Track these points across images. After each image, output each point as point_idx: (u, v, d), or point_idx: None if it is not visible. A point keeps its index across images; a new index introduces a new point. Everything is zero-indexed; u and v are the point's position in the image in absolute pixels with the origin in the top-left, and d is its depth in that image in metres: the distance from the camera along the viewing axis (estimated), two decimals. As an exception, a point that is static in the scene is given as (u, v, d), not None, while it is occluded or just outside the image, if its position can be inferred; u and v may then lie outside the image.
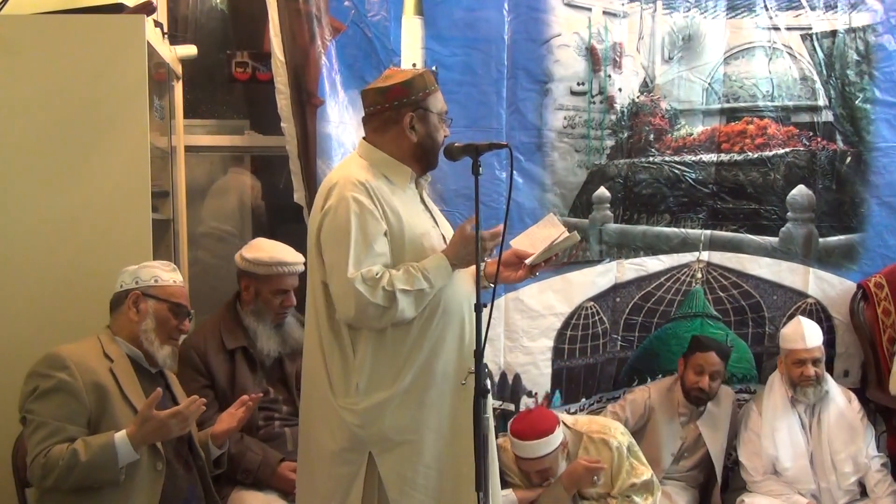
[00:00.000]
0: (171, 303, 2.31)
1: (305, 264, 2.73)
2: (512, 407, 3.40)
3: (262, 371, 2.80)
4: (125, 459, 2.07)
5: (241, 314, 2.82)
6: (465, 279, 2.21)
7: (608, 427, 3.02)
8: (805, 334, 3.23)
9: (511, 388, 3.39)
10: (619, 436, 2.98)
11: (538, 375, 3.42)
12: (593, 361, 3.52)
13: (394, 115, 2.18)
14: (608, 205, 3.47)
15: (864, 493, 3.22)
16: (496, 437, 2.74)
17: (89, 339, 2.27)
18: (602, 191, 3.45)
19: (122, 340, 2.29)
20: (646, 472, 2.94)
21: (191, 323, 2.40)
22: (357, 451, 2.14)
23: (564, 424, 2.97)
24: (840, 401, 3.27)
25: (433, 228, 2.25)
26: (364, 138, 2.27)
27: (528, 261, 2.28)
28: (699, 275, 3.60)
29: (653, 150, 3.49)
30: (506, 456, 2.95)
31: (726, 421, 3.38)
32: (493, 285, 2.25)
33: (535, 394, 3.44)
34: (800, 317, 3.38)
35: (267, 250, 2.80)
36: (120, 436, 2.07)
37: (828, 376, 3.31)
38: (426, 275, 2.09)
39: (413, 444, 2.14)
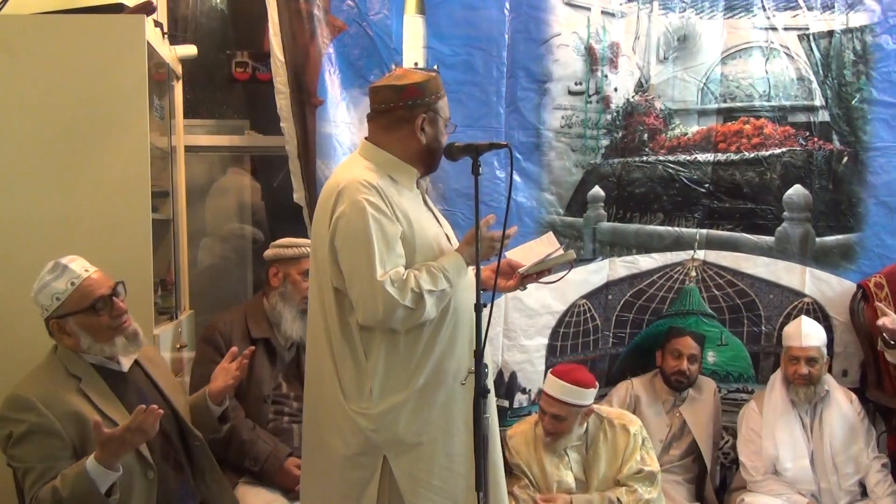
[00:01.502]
0: (85, 309, 2.14)
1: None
2: (506, 403, 3.42)
3: (280, 364, 2.85)
4: (105, 481, 1.98)
5: (266, 308, 2.87)
6: (472, 279, 2.21)
7: (629, 417, 3.07)
8: (803, 332, 3.24)
9: (507, 385, 3.41)
10: (638, 427, 3.01)
11: (532, 373, 3.44)
12: (584, 358, 3.53)
13: (406, 114, 2.16)
14: (602, 203, 3.48)
15: (864, 493, 3.22)
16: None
17: (50, 361, 2.19)
18: (596, 190, 3.47)
19: (82, 354, 2.19)
20: (654, 466, 2.97)
21: (125, 291, 2.24)
22: (371, 455, 2.13)
23: None
24: (842, 401, 3.27)
25: (438, 228, 2.25)
26: (367, 138, 2.25)
27: (520, 270, 2.29)
28: (693, 273, 3.61)
29: (646, 149, 3.50)
30: (517, 440, 2.97)
31: (709, 407, 3.42)
32: (485, 292, 2.26)
33: (529, 390, 3.46)
34: (803, 316, 3.40)
35: (289, 239, 2.91)
36: (90, 461, 1.97)
37: (829, 377, 3.31)
38: (447, 275, 2.09)
39: (427, 445, 2.14)
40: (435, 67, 3.17)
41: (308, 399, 2.29)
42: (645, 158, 3.50)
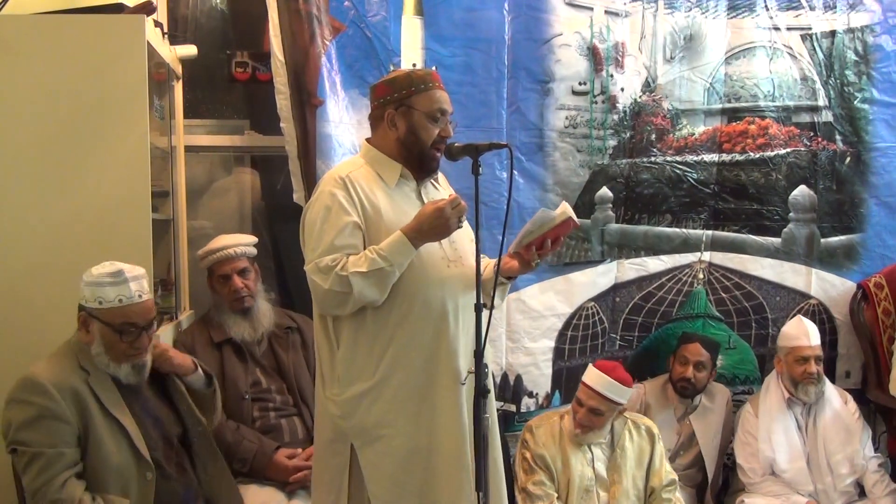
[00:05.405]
0: (114, 326, 2.16)
1: (256, 246, 2.97)
2: (513, 408, 3.40)
3: (252, 361, 2.86)
4: None
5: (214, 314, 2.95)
6: (457, 277, 2.22)
7: (646, 418, 3.08)
8: (809, 332, 3.24)
9: (512, 388, 3.40)
10: (657, 429, 3.03)
11: (539, 376, 3.43)
12: (592, 361, 3.52)
13: (379, 112, 2.26)
14: (610, 205, 3.47)
15: (862, 493, 3.22)
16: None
17: (65, 350, 2.21)
18: (604, 191, 3.46)
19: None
20: (671, 469, 3.02)
21: (152, 333, 2.27)
22: (342, 442, 2.19)
23: None
24: (836, 402, 3.27)
25: None
26: (367, 139, 2.33)
27: (514, 242, 2.26)
28: (701, 275, 3.60)
29: (654, 150, 3.49)
30: (543, 431, 2.94)
31: (719, 418, 3.40)
32: (507, 280, 2.27)
33: (536, 394, 3.45)
34: (801, 316, 3.39)
35: (208, 245, 2.96)
36: None
37: (824, 377, 3.31)
38: (381, 253, 2.08)
39: (391, 438, 2.16)
40: (433, 69, 3.16)
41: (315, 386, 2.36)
42: (653, 159, 3.49)
